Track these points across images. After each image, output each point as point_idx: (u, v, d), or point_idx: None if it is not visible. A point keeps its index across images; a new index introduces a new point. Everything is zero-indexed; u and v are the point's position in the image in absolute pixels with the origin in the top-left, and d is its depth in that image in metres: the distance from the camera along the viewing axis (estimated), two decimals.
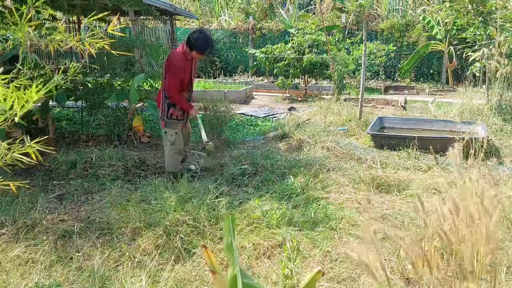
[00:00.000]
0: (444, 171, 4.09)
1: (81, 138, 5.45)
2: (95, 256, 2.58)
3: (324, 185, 3.71)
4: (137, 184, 3.91)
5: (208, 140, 4.15)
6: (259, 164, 4.26)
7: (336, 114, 6.83)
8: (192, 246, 2.68)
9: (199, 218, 2.95)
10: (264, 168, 4.17)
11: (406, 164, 4.34)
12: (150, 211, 3.12)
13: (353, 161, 4.54)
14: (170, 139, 4.08)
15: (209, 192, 3.38)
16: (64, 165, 4.29)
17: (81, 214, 3.20)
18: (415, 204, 1.53)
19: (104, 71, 5.60)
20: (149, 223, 2.91)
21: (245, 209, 3.14)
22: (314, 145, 5.08)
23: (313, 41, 9.82)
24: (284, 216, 2.95)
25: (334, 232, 2.84)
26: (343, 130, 5.98)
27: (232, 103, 7.61)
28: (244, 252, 2.60)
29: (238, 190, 3.68)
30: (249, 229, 2.85)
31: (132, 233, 2.87)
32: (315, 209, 3.17)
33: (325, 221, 2.97)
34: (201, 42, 3.78)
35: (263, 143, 5.53)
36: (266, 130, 6.36)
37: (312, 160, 4.43)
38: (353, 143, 5.33)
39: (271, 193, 3.50)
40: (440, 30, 11.24)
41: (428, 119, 6.29)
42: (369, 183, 3.72)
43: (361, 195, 3.53)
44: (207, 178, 3.98)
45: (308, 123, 6.43)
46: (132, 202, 3.30)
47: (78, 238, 2.81)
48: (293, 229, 2.83)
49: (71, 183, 3.90)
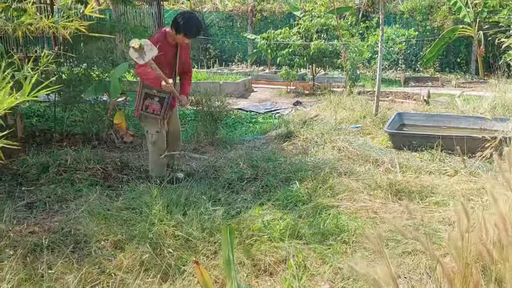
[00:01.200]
0: (473, 176, 4.09)
1: (54, 137, 5.45)
2: (69, 274, 2.57)
3: (335, 192, 3.70)
4: (119, 191, 3.90)
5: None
6: (260, 167, 4.26)
7: (349, 110, 6.83)
8: (182, 262, 2.67)
9: (190, 229, 2.95)
10: (265, 172, 4.17)
11: (430, 167, 4.34)
12: (134, 221, 3.12)
13: (368, 163, 4.54)
14: (150, 139, 4.08)
15: (202, 200, 3.38)
16: (35, 169, 4.29)
17: (54, 225, 3.19)
18: (456, 213, 1.49)
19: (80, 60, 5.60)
20: (133, 235, 2.91)
21: (243, 219, 3.13)
22: (323, 146, 5.07)
23: (322, 26, 9.82)
24: (288, 227, 2.95)
25: (346, 246, 2.84)
26: (356, 128, 5.98)
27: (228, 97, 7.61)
28: (242, 269, 2.60)
29: (236, 197, 3.68)
30: (248, 242, 2.84)
31: (113, 247, 2.86)
32: (324, 219, 3.16)
33: (335, 233, 2.97)
34: (188, 23, 3.78)
35: (264, 143, 5.53)
36: (268, 128, 6.36)
37: (320, 163, 4.43)
38: (368, 143, 5.32)
39: (274, 200, 3.50)
40: (469, 13, 11.25)
41: (454, 115, 6.29)
42: (387, 189, 3.72)
43: (378, 203, 3.53)
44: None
45: (316, 120, 6.42)
46: (112, 211, 3.30)
47: (51, 253, 2.80)
48: (298, 243, 2.82)
49: (42, 189, 3.90)
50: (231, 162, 4.54)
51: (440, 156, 4.59)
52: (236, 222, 3.11)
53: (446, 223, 3.17)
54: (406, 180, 3.93)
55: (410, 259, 2.66)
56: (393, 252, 2.72)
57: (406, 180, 3.93)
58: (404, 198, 3.63)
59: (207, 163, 4.59)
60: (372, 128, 5.95)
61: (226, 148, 5.31)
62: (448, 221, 3.19)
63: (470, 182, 3.92)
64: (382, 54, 6.67)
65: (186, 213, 3.22)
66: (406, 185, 3.78)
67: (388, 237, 2.90)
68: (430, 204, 3.48)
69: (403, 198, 3.63)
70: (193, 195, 3.57)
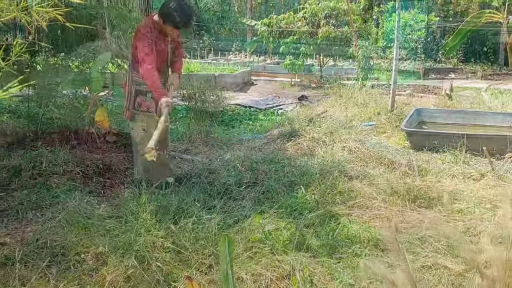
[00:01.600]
0: (502, 180, 4.09)
1: (28, 136, 5.45)
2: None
3: (345, 198, 3.71)
4: (101, 197, 3.91)
5: (154, 147, 3.47)
6: (260, 171, 4.26)
7: (361, 105, 6.83)
8: (173, 278, 2.67)
9: (182, 241, 2.95)
10: (267, 176, 4.17)
11: (452, 170, 4.34)
12: (118, 231, 3.12)
13: (383, 166, 4.54)
14: (135, 138, 4.08)
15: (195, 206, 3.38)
16: (5, 172, 4.29)
17: (27, 236, 3.19)
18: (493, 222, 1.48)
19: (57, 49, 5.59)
20: (117, 247, 2.91)
21: (242, 229, 3.13)
22: (332, 146, 5.08)
23: (331, 10, 9.83)
24: (292, 238, 2.95)
25: (358, 259, 2.84)
26: (369, 126, 5.99)
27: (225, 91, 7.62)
28: (241, 285, 2.60)
29: (233, 205, 3.68)
30: (248, 255, 2.84)
31: (95, 260, 2.86)
32: (333, 229, 3.17)
33: (346, 245, 2.97)
34: (177, 12, 3.78)
35: (265, 143, 5.53)
36: (270, 126, 6.36)
37: (329, 166, 4.43)
38: (383, 143, 5.33)
39: (276, 208, 3.50)
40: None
41: (481, 111, 6.29)
42: (404, 195, 3.72)
43: (394, 210, 3.53)
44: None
45: (325, 116, 6.43)
46: (94, 220, 3.29)
47: (24, 267, 2.80)
48: (304, 255, 2.82)
49: (14, 196, 3.89)
50: (228, 165, 4.54)
51: (465, 158, 4.60)
52: (233, 232, 3.11)
53: (471, 234, 3.17)
54: (426, 185, 3.94)
55: (431, 274, 2.66)
56: (412, 266, 2.72)
57: (426, 185, 3.94)
58: (423, 205, 3.64)
59: (201, 165, 4.59)
60: (388, 126, 5.95)
61: (222, 148, 5.31)
62: (473, 232, 3.19)
63: (499, 187, 3.92)
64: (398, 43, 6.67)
65: (177, 222, 3.22)
66: (426, 191, 3.79)
67: (406, 249, 2.90)
68: (453, 212, 3.48)
69: (422, 205, 3.64)
70: (185, 202, 3.57)
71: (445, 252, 2.87)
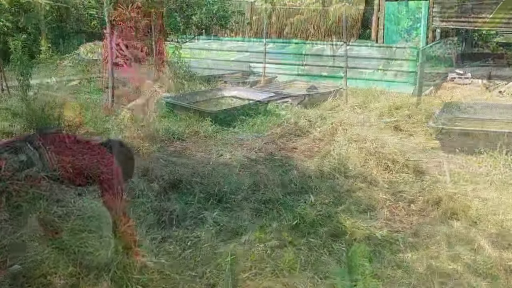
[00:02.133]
0: None
1: None
2: None
3: (361, 208, 3.71)
4: (71, 207, 3.90)
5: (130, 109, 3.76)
6: (261, 175, 4.26)
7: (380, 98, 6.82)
8: None
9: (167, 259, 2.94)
10: (269, 181, 4.17)
11: (491, 176, 4.34)
12: (92, 248, 3.11)
13: (406, 170, 4.53)
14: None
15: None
16: None
17: None
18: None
19: None
20: (90, 268, 2.90)
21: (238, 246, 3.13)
22: (347, 146, 5.06)
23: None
24: (299, 256, 2.94)
25: (378, 282, 2.84)
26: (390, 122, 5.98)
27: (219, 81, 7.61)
28: None
29: (229, 216, 3.67)
30: (246, 276, 2.84)
31: (64, 283, 2.86)
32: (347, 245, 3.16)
33: (363, 264, 2.97)
34: None
35: (267, 142, 5.52)
36: (272, 122, 6.36)
37: (342, 169, 4.43)
38: (406, 143, 5.32)
39: (280, 220, 3.50)
40: None
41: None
42: (432, 205, 3.72)
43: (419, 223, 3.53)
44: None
45: (337, 111, 6.42)
46: (63, 234, 3.29)
47: None
48: (313, 277, 2.82)
49: None
50: (223, 168, 4.54)
51: (506, 161, 4.59)
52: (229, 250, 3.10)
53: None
54: (459, 193, 3.93)
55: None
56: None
57: (459, 193, 3.93)
58: (456, 218, 3.63)
59: (191, 169, 4.58)
60: (412, 123, 5.95)
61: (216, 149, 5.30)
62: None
63: None
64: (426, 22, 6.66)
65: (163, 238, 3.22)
66: (459, 201, 3.77)
67: (435, 269, 2.90)
68: (491, 226, 3.47)
69: (454, 218, 3.63)
70: (172, 213, 3.57)
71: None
